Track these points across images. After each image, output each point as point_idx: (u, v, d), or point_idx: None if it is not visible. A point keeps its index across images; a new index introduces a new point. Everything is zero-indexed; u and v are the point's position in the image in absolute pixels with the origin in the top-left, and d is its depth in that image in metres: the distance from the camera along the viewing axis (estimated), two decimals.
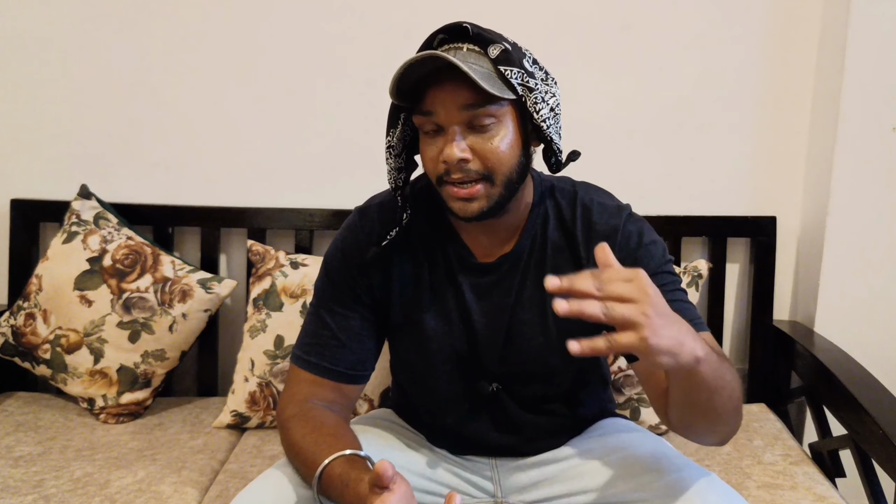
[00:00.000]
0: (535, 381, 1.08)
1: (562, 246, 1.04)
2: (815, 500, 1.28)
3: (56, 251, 1.59)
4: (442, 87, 0.91)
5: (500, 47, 0.93)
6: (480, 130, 0.93)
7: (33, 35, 1.69)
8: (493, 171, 0.93)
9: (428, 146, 0.96)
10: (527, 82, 0.93)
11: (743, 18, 1.68)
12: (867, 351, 1.56)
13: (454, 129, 0.92)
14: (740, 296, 1.79)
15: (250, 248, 1.63)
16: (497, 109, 0.92)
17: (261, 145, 1.73)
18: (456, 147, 0.91)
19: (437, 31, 0.95)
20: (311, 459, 0.94)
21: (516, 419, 1.10)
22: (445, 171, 0.93)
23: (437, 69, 0.90)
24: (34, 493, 1.26)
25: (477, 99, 0.91)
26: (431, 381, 1.10)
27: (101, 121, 1.72)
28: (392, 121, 1.00)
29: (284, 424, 1.02)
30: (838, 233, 1.63)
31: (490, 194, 0.94)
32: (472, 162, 0.92)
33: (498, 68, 0.92)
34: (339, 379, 1.05)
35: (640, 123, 1.72)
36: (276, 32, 1.69)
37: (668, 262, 1.04)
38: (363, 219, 1.08)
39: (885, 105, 1.58)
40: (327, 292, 1.07)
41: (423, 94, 0.93)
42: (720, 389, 0.87)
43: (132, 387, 1.54)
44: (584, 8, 1.68)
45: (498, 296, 1.05)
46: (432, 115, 0.93)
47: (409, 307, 1.07)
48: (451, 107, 0.91)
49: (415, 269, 1.06)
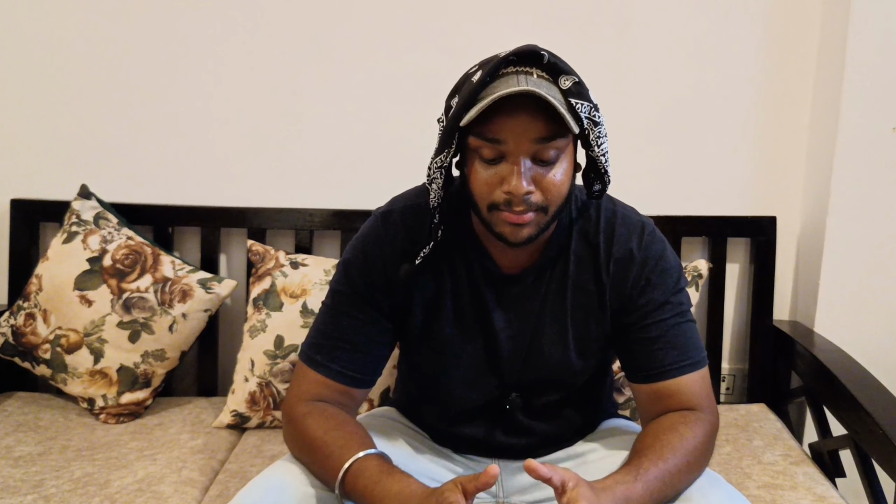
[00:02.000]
0: (552, 389, 1.09)
1: (584, 257, 1.04)
2: (815, 499, 1.28)
3: (56, 251, 1.59)
4: (515, 115, 0.88)
5: (573, 79, 0.91)
6: (544, 163, 0.91)
7: (34, 35, 1.69)
8: (550, 204, 0.93)
9: (485, 171, 0.92)
10: (593, 116, 0.92)
11: (743, 18, 1.68)
12: (867, 351, 1.56)
13: (521, 162, 0.90)
14: (740, 296, 1.79)
15: (250, 248, 1.63)
16: (564, 143, 0.91)
17: (261, 145, 1.73)
18: (524, 180, 0.89)
19: (510, 54, 0.90)
20: (336, 454, 0.94)
21: (527, 426, 1.11)
22: (506, 201, 0.91)
23: (513, 96, 0.87)
24: (34, 493, 1.26)
25: (550, 132, 0.89)
26: (445, 391, 1.10)
27: (102, 121, 1.72)
28: (448, 140, 0.94)
29: (299, 420, 1.01)
30: (838, 233, 1.63)
31: (540, 222, 0.94)
32: (534, 194, 0.91)
33: (568, 100, 0.90)
34: (349, 383, 1.04)
35: (640, 123, 1.72)
36: (276, 33, 1.69)
37: (680, 290, 1.04)
38: (387, 225, 1.05)
39: (885, 105, 1.58)
40: (346, 295, 1.05)
41: (489, 117, 0.89)
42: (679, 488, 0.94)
43: (132, 387, 1.54)
44: (584, 8, 1.68)
45: (522, 307, 1.05)
46: (500, 144, 0.90)
47: (429, 317, 1.06)
48: (522, 138, 0.89)
49: (437, 279, 1.05)
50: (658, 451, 0.93)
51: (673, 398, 1.01)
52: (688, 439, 0.95)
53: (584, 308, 1.05)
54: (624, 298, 1.03)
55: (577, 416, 1.14)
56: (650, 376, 1.02)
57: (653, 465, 0.91)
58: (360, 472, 0.92)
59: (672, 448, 0.94)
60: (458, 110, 0.90)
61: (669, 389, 1.01)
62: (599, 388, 1.17)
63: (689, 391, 1.01)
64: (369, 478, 0.91)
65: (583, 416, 1.15)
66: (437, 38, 1.68)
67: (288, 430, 1.04)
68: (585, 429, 1.17)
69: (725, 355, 1.79)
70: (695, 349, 1.03)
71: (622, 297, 1.03)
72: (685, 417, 0.99)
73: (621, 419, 1.21)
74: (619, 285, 1.03)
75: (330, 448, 0.96)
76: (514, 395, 1.08)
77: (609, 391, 1.23)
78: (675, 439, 0.95)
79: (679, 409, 1.00)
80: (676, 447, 0.94)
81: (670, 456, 0.93)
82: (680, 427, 0.97)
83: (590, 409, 1.17)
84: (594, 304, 1.04)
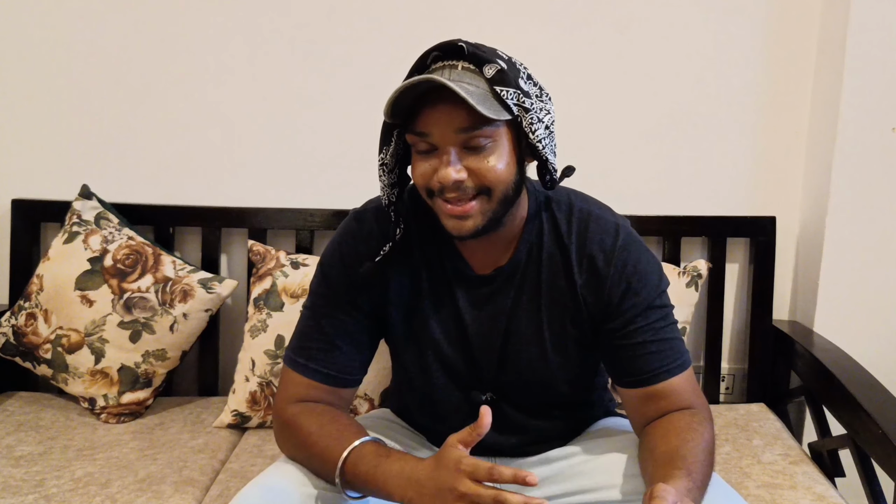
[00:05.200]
0: (532, 390, 1.09)
1: (556, 258, 1.04)
2: (814, 499, 1.28)
3: (57, 251, 1.59)
4: (436, 108, 0.90)
5: (496, 67, 0.92)
6: (476, 151, 0.92)
7: (34, 35, 1.69)
8: (490, 187, 0.93)
9: (420, 163, 0.95)
10: (522, 102, 0.92)
11: (743, 19, 1.69)
12: (866, 351, 1.56)
13: (449, 151, 0.91)
14: (740, 296, 1.79)
15: (251, 248, 1.63)
16: (493, 130, 0.92)
17: (261, 145, 1.73)
18: (452, 169, 0.91)
19: (432, 49, 0.94)
20: (334, 445, 0.94)
21: (519, 423, 1.11)
22: (440, 188, 0.93)
23: (432, 89, 0.89)
24: (35, 492, 1.26)
25: (472, 121, 0.90)
26: (428, 389, 1.10)
27: (103, 121, 1.72)
28: (385, 138, 0.98)
29: (291, 420, 1.01)
30: (838, 233, 1.63)
31: (485, 210, 0.94)
32: (467, 180, 0.92)
33: (493, 88, 0.91)
34: (333, 383, 1.05)
35: (639, 124, 1.73)
36: (276, 33, 1.69)
37: (662, 292, 1.04)
38: (361, 224, 1.07)
39: (884, 105, 1.58)
40: (324, 296, 1.07)
41: (416, 113, 0.92)
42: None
43: (133, 386, 1.54)
44: (584, 9, 1.68)
45: (493, 307, 1.05)
46: (427, 136, 0.92)
47: (407, 315, 1.07)
48: (446, 129, 0.90)
49: (413, 278, 1.06)
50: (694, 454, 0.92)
51: (666, 400, 1.01)
52: (707, 440, 0.96)
53: (560, 307, 1.04)
54: (603, 302, 1.02)
55: (568, 415, 1.14)
56: (640, 381, 1.01)
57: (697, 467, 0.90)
58: (358, 458, 0.92)
59: (703, 450, 0.94)
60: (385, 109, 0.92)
61: (661, 392, 1.01)
62: (588, 387, 1.16)
63: (681, 391, 1.01)
64: (369, 462, 0.91)
65: (574, 415, 1.15)
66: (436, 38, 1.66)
67: (281, 432, 1.04)
68: (579, 427, 1.17)
69: (725, 355, 1.80)
70: (680, 350, 1.03)
71: (600, 300, 1.02)
72: (694, 417, 0.99)
73: (618, 418, 1.21)
74: (595, 286, 1.02)
75: (326, 440, 0.96)
76: (489, 395, 1.08)
77: (604, 390, 1.23)
78: (697, 439, 0.94)
79: (676, 410, 1.00)
80: (701, 447, 0.94)
81: (704, 457, 0.93)
82: (696, 426, 0.97)
83: (581, 408, 1.16)
84: (569, 303, 1.04)
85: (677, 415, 1.00)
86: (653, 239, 1.70)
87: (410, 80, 0.88)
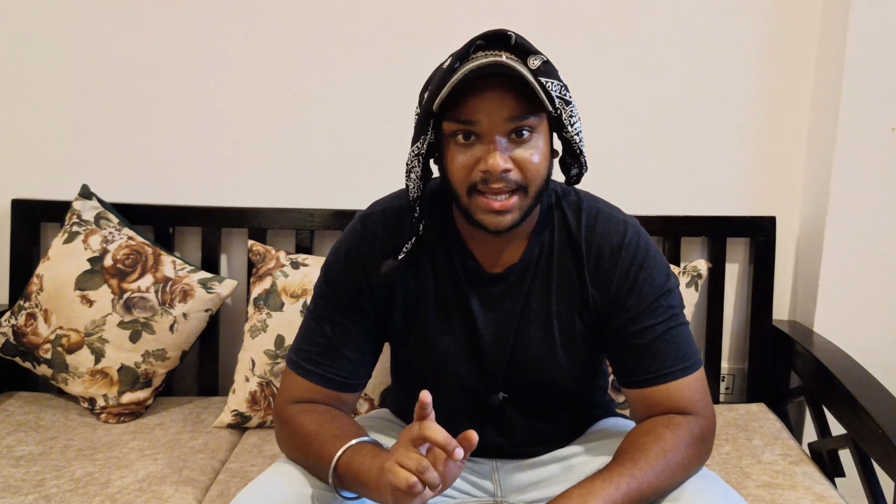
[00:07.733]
0: (541, 389, 1.08)
1: (567, 256, 1.04)
2: (814, 499, 1.28)
3: (57, 251, 1.59)
4: (486, 95, 0.89)
5: (541, 58, 0.92)
6: (520, 142, 0.92)
7: (34, 35, 1.69)
8: (529, 183, 0.93)
9: (461, 154, 0.93)
10: (564, 95, 0.94)
11: (743, 19, 1.68)
12: (866, 351, 1.56)
13: (497, 140, 0.90)
14: (740, 296, 1.79)
15: (251, 248, 1.63)
16: (537, 121, 0.92)
17: (261, 145, 1.73)
18: (500, 157, 0.90)
19: (476, 38, 0.92)
20: (331, 443, 0.94)
21: (521, 426, 1.11)
22: (483, 180, 0.92)
23: (481, 76, 0.88)
24: (35, 492, 1.26)
25: (522, 110, 0.90)
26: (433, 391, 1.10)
27: (102, 121, 1.72)
28: (422, 128, 0.95)
29: (291, 419, 1.01)
30: (838, 233, 1.63)
31: (522, 206, 0.94)
32: (512, 172, 0.91)
33: (538, 79, 0.90)
34: (336, 388, 1.05)
35: (640, 123, 1.73)
36: (276, 33, 1.69)
37: (669, 291, 1.03)
38: (366, 227, 1.06)
39: (884, 105, 1.58)
40: (328, 300, 1.06)
41: (460, 100, 0.90)
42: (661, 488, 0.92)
43: (133, 386, 1.55)
44: (584, 9, 1.68)
45: (505, 306, 1.04)
46: (473, 124, 0.90)
47: (413, 317, 1.06)
48: (495, 116, 0.90)
49: (419, 280, 1.05)
50: (631, 455, 0.93)
51: (665, 403, 1.00)
52: (666, 440, 0.94)
53: (569, 304, 1.04)
54: (610, 299, 1.02)
55: (571, 415, 1.14)
56: (642, 381, 1.01)
57: (626, 470, 0.91)
58: (351, 458, 0.92)
59: (646, 450, 0.93)
60: (430, 96, 0.91)
61: (662, 394, 1.00)
62: (592, 387, 1.16)
63: (681, 396, 1.00)
64: (361, 463, 0.91)
65: (576, 415, 1.15)
66: (436, 38, 1.68)
67: (281, 431, 1.04)
68: (581, 427, 1.16)
69: (725, 355, 1.80)
70: (687, 353, 1.01)
71: (608, 296, 1.02)
72: (669, 420, 0.98)
73: (619, 418, 1.21)
74: (603, 282, 1.02)
75: (324, 438, 0.96)
76: (502, 395, 1.08)
77: (604, 390, 1.23)
78: (651, 441, 0.94)
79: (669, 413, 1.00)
80: (650, 449, 0.93)
81: (642, 457, 0.92)
82: (659, 429, 0.96)
83: (583, 408, 1.16)
84: (578, 299, 1.04)
85: (655, 418, 1.00)
86: (653, 239, 1.69)
87: (476, 63, 0.87)
